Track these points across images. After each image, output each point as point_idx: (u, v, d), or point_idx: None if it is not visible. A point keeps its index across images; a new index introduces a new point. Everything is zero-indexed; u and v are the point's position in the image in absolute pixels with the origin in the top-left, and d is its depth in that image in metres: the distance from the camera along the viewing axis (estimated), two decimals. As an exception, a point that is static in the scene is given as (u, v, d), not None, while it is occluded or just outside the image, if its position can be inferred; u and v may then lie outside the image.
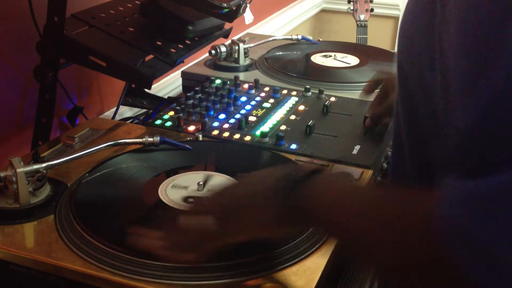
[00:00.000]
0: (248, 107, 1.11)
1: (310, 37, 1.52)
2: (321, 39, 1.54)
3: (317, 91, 1.18)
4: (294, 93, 1.19)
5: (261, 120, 1.05)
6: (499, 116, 0.39)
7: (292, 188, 0.58)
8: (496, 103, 0.40)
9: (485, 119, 0.40)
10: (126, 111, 1.34)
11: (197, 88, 1.19)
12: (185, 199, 0.77)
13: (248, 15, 1.61)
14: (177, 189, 0.79)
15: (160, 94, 1.41)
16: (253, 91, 1.19)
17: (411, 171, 0.62)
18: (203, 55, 1.42)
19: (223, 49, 1.32)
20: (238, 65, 1.33)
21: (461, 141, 0.42)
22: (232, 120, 1.05)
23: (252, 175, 0.66)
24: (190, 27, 1.17)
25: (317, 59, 1.39)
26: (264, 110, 1.10)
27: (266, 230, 0.62)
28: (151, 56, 1.07)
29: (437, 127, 0.51)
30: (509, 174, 0.38)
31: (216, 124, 1.03)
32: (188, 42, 1.17)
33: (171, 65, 1.08)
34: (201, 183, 0.79)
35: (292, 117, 1.07)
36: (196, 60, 1.41)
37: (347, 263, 0.78)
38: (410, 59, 0.58)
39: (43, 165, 0.77)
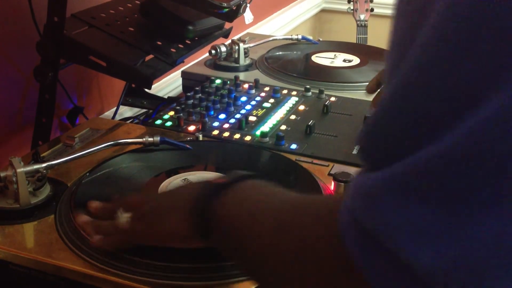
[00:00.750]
0: (248, 107, 1.11)
1: (310, 37, 1.52)
2: (321, 39, 1.54)
3: (317, 91, 1.18)
4: (294, 93, 1.19)
5: (261, 120, 1.05)
6: (396, 105, 0.39)
7: (206, 199, 0.57)
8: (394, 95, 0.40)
9: (385, 105, 0.40)
10: (126, 111, 1.34)
11: (197, 88, 1.19)
12: None
13: (248, 15, 1.61)
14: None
15: (160, 94, 1.41)
16: (253, 91, 1.19)
17: None
18: (203, 55, 1.42)
19: (223, 49, 1.32)
20: (238, 65, 1.33)
21: (364, 131, 0.43)
22: (232, 120, 1.05)
23: (184, 186, 0.69)
24: (190, 27, 1.17)
25: (317, 59, 1.39)
26: (264, 110, 1.10)
27: (178, 239, 0.62)
28: (151, 56, 1.07)
29: None
30: (399, 164, 0.37)
31: (216, 124, 1.03)
32: (188, 42, 1.17)
33: (171, 65, 1.08)
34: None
35: (292, 117, 1.07)
36: (196, 60, 1.41)
37: None
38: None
39: (43, 165, 0.77)
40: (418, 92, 0.37)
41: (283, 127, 1.03)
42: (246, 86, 1.21)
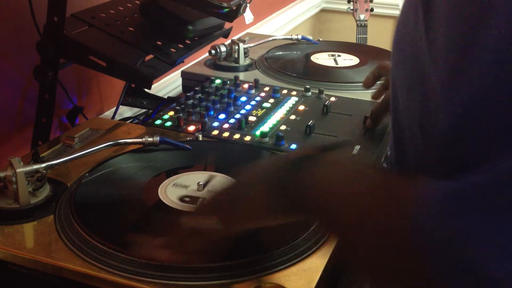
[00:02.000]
0: (248, 107, 1.11)
1: (310, 37, 1.52)
2: (321, 39, 1.54)
3: (317, 91, 1.18)
4: (294, 93, 1.19)
5: (261, 120, 1.05)
6: (478, 114, 0.39)
7: (288, 174, 0.56)
8: (474, 104, 0.39)
9: (464, 118, 0.40)
10: (126, 111, 1.34)
11: (197, 88, 1.19)
12: (181, 199, 0.77)
13: (248, 15, 1.61)
14: (178, 187, 0.79)
15: (160, 94, 1.41)
16: (253, 91, 1.19)
17: (411, 164, 0.61)
18: (203, 55, 1.42)
19: (223, 49, 1.32)
20: (238, 65, 1.33)
21: (441, 141, 0.42)
22: (232, 120, 1.05)
23: (248, 168, 0.65)
24: (190, 27, 1.16)
25: (317, 59, 1.39)
26: (264, 110, 1.10)
27: (264, 218, 0.61)
28: (151, 56, 1.07)
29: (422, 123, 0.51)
30: (485, 173, 0.37)
31: (216, 124, 1.03)
32: (188, 42, 1.17)
33: (171, 65, 1.08)
34: (201, 183, 0.79)
35: (292, 117, 1.07)
36: (196, 60, 1.41)
37: (347, 264, 0.78)
38: (401, 67, 0.58)
39: (43, 165, 0.76)
40: (500, 101, 0.36)
41: (283, 127, 1.03)
42: (246, 86, 1.21)
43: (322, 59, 1.39)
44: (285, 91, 1.19)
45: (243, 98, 1.15)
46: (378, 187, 0.50)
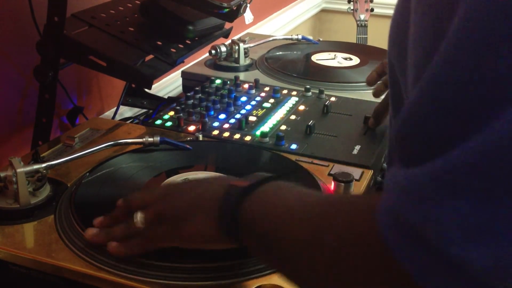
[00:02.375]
0: (248, 107, 1.11)
1: (310, 37, 1.52)
2: (321, 39, 1.54)
3: (317, 91, 1.18)
4: (294, 93, 1.19)
5: (261, 120, 1.05)
6: (434, 98, 0.39)
7: (234, 200, 0.55)
8: (431, 87, 0.39)
9: (420, 100, 0.40)
10: (126, 111, 1.34)
11: (197, 88, 1.19)
12: None
13: (248, 15, 1.61)
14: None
15: (160, 94, 1.41)
16: (253, 91, 1.19)
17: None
18: (203, 55, 1.42)
19: (223, 49, 1.32)
20: (238, 65, 1.33)
21: (400, 127, 0.42)
22: (232, 120, 1.05)
23: (201, 181, 0.65)
24: (190, 27, 1.16)
25: (317, 59, 1.39)
26: (264, 110, 1.10)
27: (204, 241, 0.61)
28: (151, 56, 1.07)
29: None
30: (442, 160, 0.36)
31: (216, 124, 1.03)
32: (188, 42, 1.17)
33: (171, 65, 1.08)
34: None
35: (292, 117, 1.07)
36: (196, 60, 1.41)
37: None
38: (393, 54, 0.58)
39: (43, 165, 0.76)
40: (458, 85, 0.36)
41: (283, 127, 1.03)
42: (246, 86, 1.21)
43: (322, 59, 1.39)
44: (285, 91, 1.19)
45: (243, 98, 1.15)
46: (332, 203, 0.50)
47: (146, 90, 1.24)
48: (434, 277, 0.36)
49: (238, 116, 1.07)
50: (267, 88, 1.21)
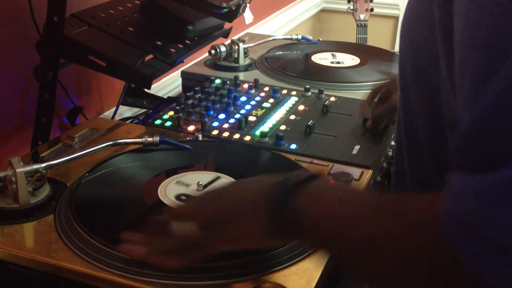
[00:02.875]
0: (248, 107, 1.11)
1: (310, 37, 1.52)
2: (321, 39, 1.54)
3: (317, 91, 1.18)
4: (294, 93, 1.19)
5: (261, 120, 1.05)
6: (503, 112, 0.39)
7: (283, 199, 0.54)
8: (501, 100, 0.40)
9: (490, 115, 0.40)
10: (126, 111, 1.34)
11: (196, 88, 1.19)
12: (178, 197, 0.77)
13: (247, 15, 1.61)
14: (179, 185, 0.79)
15: (159, 94, 1.41)
16: (253, 91, 1.19)
17: (431, 172, 0.60)
18: (202, 55, 1.42)
19: (223, 49, 1.32)
20: (237, 65, 1.33)
21: (465, 138, 0.42)
22: (232, 120, 1.05)
23: (241, 182, 0.64)
24: (190, 27, 1.16)
25: (317, 59, 1.39)
26: (264, 110, 1.10)
27: (254, 242, 0.60)
28: (150, 56, 1.07)
29: (444, 122, 0.51)
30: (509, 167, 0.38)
31: (215, 124, 1.03)
32: (188, 42, 1.17)
33: (171, 65, 1.08)
34: (201, 183, 0.79)
35: (292, 117, 1.07)
36: (196, 60, 1.41)
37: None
38: (413, 58, 0.58)
39: (43, 165, 0.77)
40: None
41: (283, 127, 1.03)
42: (245, 86, 1.21)
43: (322, 59, 1.39)
44: (285, 91, 1.19)
45: (243, 98, 1.15)
46: (382, 205, 0.50)
47: (146, 90, 1.24)
48: (499, 274, 0.37)
49: (237, 116, 1.07)
50: (266, 88, 1.21)
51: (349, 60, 1.39)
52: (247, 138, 0.98)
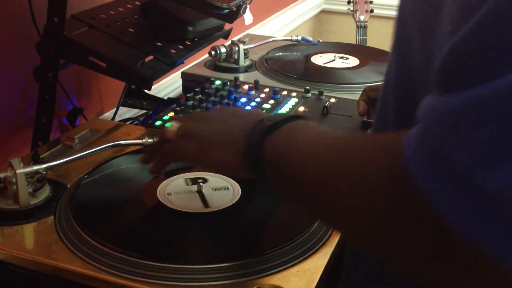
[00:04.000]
0: (248, 108, 1.11)
1: (310, 38, 1.52)
2: (321, 40, 1.54)
3: (317, 92, 1.18)
4: (294, 94, 1.19)
5: (261, 121, 1.05)
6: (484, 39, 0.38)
7: (261, 134, 0.57)
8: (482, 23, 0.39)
9: (469, 35, 0.39)
10: (126, 112, 1.34)
11: (197, 89, 1.19)
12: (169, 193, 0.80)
13: (248, 16, 1.61)
14: (179, 186, 0.79)
15: (160, 95, 1.41)
16: (253, 92, 1.19)
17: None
18: (203, 56, 1.42)
19: (223, 50, 1.32)
20: (238, 66, 1.33)
21: (441, 64, 0.42)
22: (232, 121, 1.05)
23: (234, 113, 0.68)
24: (190, 28, 1.16)
25: (317, 60, 1.39)
26: (264, 111, 1.10)
27: (228, 170, 0.66)
28: (151, 57, 1.07)
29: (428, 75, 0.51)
30: (487, 87, 0.36)
31: (216, 125, 1.03)
32: (188, 43, 1.17)
33: (171, 66, 1.08)
34: (200, 181, 0.80)
35: (292, 118, 1.07)
36: (196, 61, 1.41)
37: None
38: (413, 15, 0.57)
39: (43, 166, 0.76)
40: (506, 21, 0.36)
41: (283, 128, 1.03)
42: (246, 87, 1.21)
43: (322, 60, 1.39)
44: (285, 92, 1.19)
45: (243, 99, 1.15)
46: (357, 136, 0.52)
47: (146, 91, 1.24)
48: (457, 207, 0.36)
49: (238, 117, 1.07)
50: (267, 89, 1.21)
51: (349, 61, 1.39)
52: (247, 139, 0.98)
